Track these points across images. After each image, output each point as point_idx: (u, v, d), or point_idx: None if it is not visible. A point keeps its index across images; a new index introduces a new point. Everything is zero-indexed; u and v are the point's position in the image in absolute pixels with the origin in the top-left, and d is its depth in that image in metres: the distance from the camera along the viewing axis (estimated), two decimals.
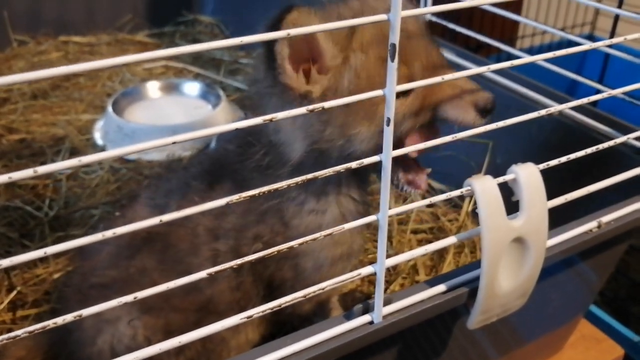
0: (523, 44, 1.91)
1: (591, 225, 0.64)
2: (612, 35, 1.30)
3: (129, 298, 0.41)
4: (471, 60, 1.02)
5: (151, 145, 0.39)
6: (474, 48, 1.52)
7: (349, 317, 0.53)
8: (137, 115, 1.31)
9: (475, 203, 0.99)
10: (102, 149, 1.24)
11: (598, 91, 0.97)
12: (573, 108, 0.88)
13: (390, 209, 0.49)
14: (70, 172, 1.16)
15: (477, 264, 0.58)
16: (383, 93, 0.43)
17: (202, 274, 0.44)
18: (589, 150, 0.63)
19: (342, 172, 0.60)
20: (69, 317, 0.40)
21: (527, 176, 0.54)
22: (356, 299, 0.87)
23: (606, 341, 0.93)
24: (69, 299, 0.70)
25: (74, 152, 1.24)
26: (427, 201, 0.51)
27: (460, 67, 1.03)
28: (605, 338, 0.93)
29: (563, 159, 0.59)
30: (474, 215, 1.01)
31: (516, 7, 1.91)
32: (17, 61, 1.58)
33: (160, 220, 0.41)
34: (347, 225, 0.48)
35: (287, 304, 0.48)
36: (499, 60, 1.47)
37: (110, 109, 1.27)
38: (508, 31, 1.92)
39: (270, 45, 0.56)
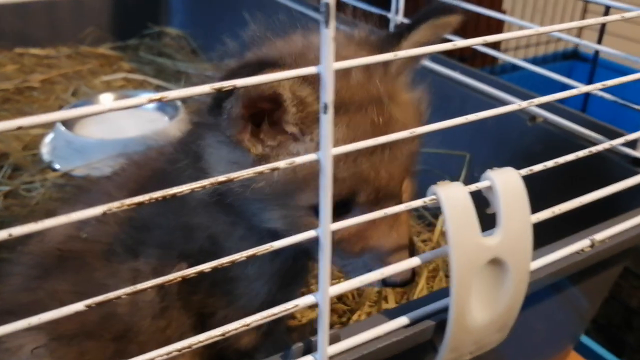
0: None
1: (583, 244, 0.55)
2: (596, 51, 1.23)
3: (22, 324, 0.31)
4: (451, 67, 0.94)
5: None
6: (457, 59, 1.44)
7: (285, 357, 0.43)
8: (89, 129, 1.20)
9: None
10: (48, 165, 1.14)
11: (587, 97, 0.89)
12: (560, 114, 0.80)
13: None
14: (8, 190, 1.05)
15: (443, 292, 0.48)
16: (317, 71, 0.34)
17: (115, 295, 0.33)
18: (569, 158, 0.53)
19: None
20: None
21: (505, 183, 0.45)
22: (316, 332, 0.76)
23: None
24: None
25: (16, 169, 1.14)
26: (381, 213, 0.41)
27: (434, 72, 0.94)
28: None
29: (550, 163, 0.49)
30: None
31: (498, 20, 1.85)
32: None
33: (10, 235, 0.30)
34: (277, 244, 0.38)
35: (219, 338, 0.38)
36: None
37: (59, 123, 1.17)
38: (490, 45, 1.85)
39: (219, 99, 0.45)
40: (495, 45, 1.90)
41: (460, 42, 0.42)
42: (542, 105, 0.83)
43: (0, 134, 1.24)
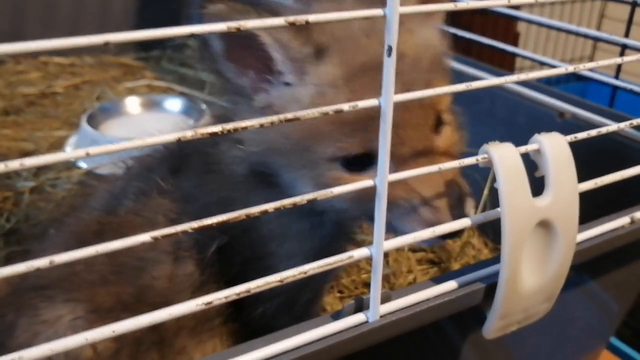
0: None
1: (623, 221, 0.55)
2: (617, 70, 1.23)
3: (43, 262, 0.31)
4: (473, 65, 0.95)
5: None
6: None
7: (337, 315, 0.42)
8: (114, 130, 1.22)
9: (489, 206, 0.90)
10: (73, 164, 1.15)
11: (614, 94, 0.89)
12: (589, 110, 0.80)
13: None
14: (34, 186, 1.06)
15: (494, 260, 0.48)
16: (383, 13, 0.35)
17: (146, 237, 0.33)
18: (612, 127, 0.53)
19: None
20: None
21: (554, 146, 0.45)
22: None
23: None
24: (3, 306, 0.59)
25: (41, 167, 1.14)
26: (435, 167, 0.42)
27: (461, 74, 0.96)
28: None
29: (593, 132, 0.50)
30: (480, 229, 0.91)
31: (513, 40, 1.87)
32: None
33: (87, 154, 0.31)
34: (337, 190, 0.38)
35: (259, 289, 0.38)
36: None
37: (84, 122, 1.18)
38: (507, 63, 1.87)
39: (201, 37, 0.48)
40: (510, 67, 1.92)
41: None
42: (570, 102, 0.83)
43: (26, 135, 1.26)
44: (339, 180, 0.49)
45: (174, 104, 1.29)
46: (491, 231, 0.91)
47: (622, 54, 0.86)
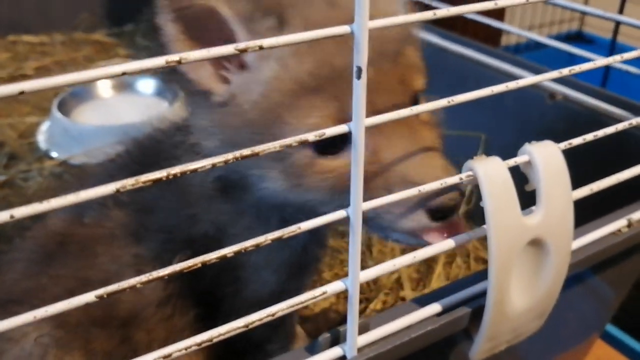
0: (509, 40, 1.80)
1: (619, 224, 0.52)
2: (614, 38, 1.17)
3: (26, 317, 0.27)
4: (457, 42, 0.90)
5: None
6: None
7: (312, 350, 0.39)
8: (86, 116, 1.16)
9: (474, 200, 0.87)
10: (45, 153, 1.10)
11: (606, 74, 0.85)
12: (581, 91, 0.76)
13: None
14: (5, 179, 1.01)
15: (479, 276, 0.45)
16: (350, 30, 0.30)
17: (90, 296, 0.30)
18: (609, 130, 0.49)
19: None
20: None
21: (545, 157, 0.41)
22: (330, 321, 0.73)
23: None
24: None
25: (12, 158, 1.09)
26: (415, 189, 0.38)
27: (446, 50, 0.91)
28: None
29: (589, 136, 0.46)
30: (470, 218, 0.87)
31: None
32: None
33: (12, 217, 0.27)
34: (305, 225, 0.35)
35: (242, 329, 0.34)
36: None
37: (55, 109, 1.12)
38: (493, 29, 1.81)
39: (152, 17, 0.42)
40: (496, 32, 1.85)
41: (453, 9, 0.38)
42: (560, 81, 0.79)
43: None
44: (313, 168, 0.44)
45: (146, 85, 1.23)
46: (478, 218, 0.88)
47: (616, 30, 0.81)
